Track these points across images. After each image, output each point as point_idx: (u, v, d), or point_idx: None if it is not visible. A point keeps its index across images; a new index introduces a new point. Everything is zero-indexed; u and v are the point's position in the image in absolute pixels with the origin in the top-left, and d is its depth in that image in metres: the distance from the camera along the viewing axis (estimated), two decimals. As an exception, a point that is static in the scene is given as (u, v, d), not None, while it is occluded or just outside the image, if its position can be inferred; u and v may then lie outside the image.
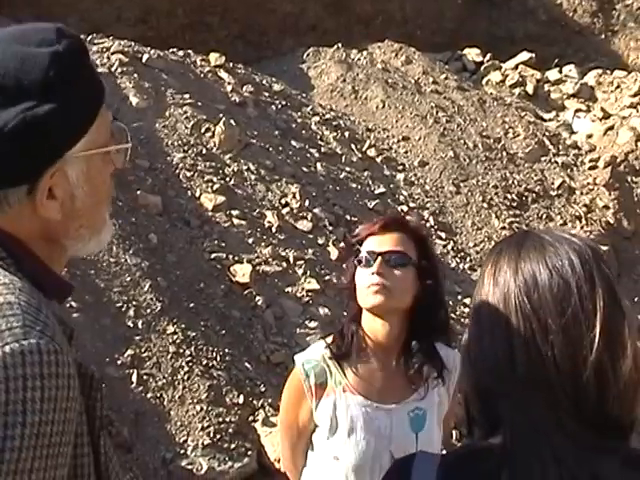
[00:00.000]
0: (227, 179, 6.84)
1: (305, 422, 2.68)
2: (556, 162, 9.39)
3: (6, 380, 1.19)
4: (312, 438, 2.69)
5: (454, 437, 4.94)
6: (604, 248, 8.17)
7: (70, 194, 1.40)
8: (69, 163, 1.38)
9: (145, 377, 5.09)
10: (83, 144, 1.39)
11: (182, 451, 4.87)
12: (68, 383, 1.26)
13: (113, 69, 7.45)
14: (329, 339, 2.67)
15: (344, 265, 2.71)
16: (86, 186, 1.42)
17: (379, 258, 2.52)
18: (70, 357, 1.29)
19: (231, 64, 8.70)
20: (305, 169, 7.54)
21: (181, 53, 8.45)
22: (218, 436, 4.97)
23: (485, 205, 8.37)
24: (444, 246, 7.56)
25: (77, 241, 1.46)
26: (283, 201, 6.89)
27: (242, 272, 6.01)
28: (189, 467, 4.81)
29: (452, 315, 6.01)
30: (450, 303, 6.22)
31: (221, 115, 7.38)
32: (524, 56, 11.89)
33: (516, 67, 11.69)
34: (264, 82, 8.78)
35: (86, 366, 1.41)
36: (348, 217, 7.15)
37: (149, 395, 5.03)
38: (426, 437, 2.56)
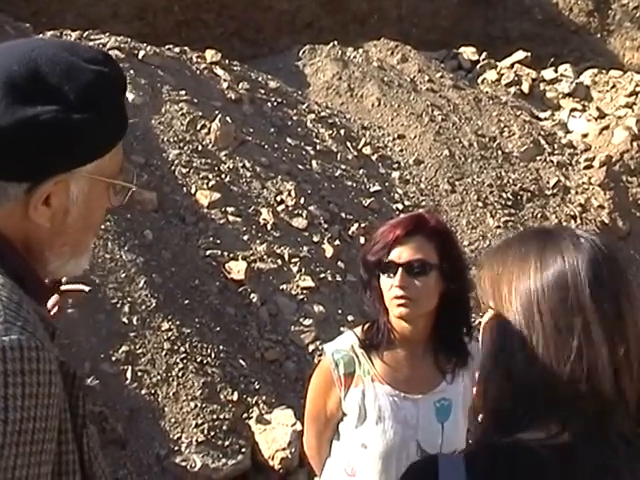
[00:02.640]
0: (222, 176, 6.84)
1: (333, 411, 2.73)
2: (551, 161, 9.40)
3: None
4: (339, 427, 2.74)
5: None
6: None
7: (65, 208, 1.41)
8: (75, 179, 1.40)
9: (140, 373, 5.09)
10: (94, 167, 1.42)
11: (176, 448, 4.87)
12: (50, 379, 1.26)
13: (109, 65, 7.43)
14: (358, 329, 2.73)
15: (361, 268, 2.71)
16: (82, 206, 1.43)
17: (399, 270, 2.54)
18: (52, 354, 1.29)
19: (227, 61, 8.69)
20: (300, 166, 7.54)
21: (177, 50, 8.44)
22: (212, 433, 4.98)
23: (480, 204, 8.38)
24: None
25: (58, 257, 1.46)
26: (278, 198, 6.89)
27: (237, 269, 6.01)
28: (183, 464, 4.82)
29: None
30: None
31: (217, 112, 7.38)
32: (520, 55, 11.89)
33: (512, 66, 11.70)
34: (260, 79, 8.78)
35: (68, 364, 1.41)
36: (343, 215, 7.15)
37: (143, 391, 5.03)
38: (451, 427, 2.62)
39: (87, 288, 2.03)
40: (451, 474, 1.36)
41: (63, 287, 1.97)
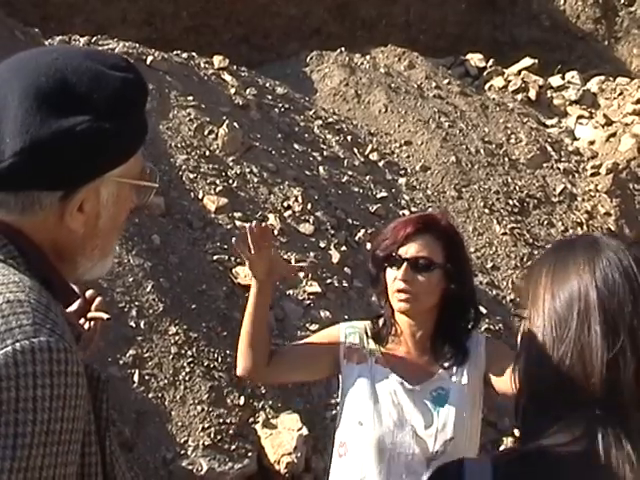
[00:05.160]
0: (230, 181, 6.86)
1: (322, 359, 2.82)
2: (558, 168, 9.41)
3: (16, 377, 1.21)
4: (340, 403, 2.82)
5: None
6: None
7: (97, 212, 1.45)
8: (105, 183, 1.43)
9: (147, 377, 5.11)
10: (121, 170, 1.45)
11: (183, 451, 4.89)
12: (77, 381, 1.28)
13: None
14: (370, 322, 2.85)
15: (370, 262, 2.80)
16: (112, 209, 1.47)
17: (405, 264, 2.63)
18: (78, 356, 1.31)
19: (235, 67, 8.72)
20: (307, 172, 7.56)
21: (185, 55, 8.47)
22: (219, 437, 4.99)
23: (486, 211, 8.39)
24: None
25: (88, 260, 1.50)
26: (285, 204, 6.91)
27: (244, 274, 6.02)
28: (189, 467, 4.83)
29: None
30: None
31: (224, 117, 7.40)
32: (527, 62, 11.90)
33: (519, 73, 11.70)
34: (267, 85, 8.80)
35: (92, 367, 1.43)
36: (350, 221, 7.17)
37: (150, 395, 5.05)
38: (446, 415, 2.67)
39: (106, 316, 2.08)
40: (477, 477, 1.37)
41: (89, 315, 2.03)
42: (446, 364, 2.71)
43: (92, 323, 2.07)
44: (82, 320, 2.02)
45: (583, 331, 1.39)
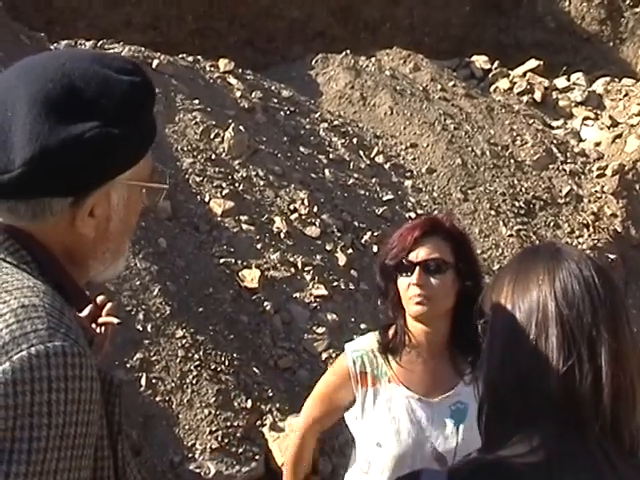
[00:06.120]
0: (236, 184, 6.86)
1: (343, 401, 2.78)
2: (564, 170, 9.39)
3: (31, 381, 1.21)
4: (353, 431, 2.79)
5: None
6: (612, 256, 8.18)
7: (107, 216, 1.45)
8: (115, 187, 1.44)
9: (154, 381, 5.11)
10: (131, 173, 1.45)
11: (190, 455, 4.89)
12: (91, 385, 1.28)
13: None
14: (379, 332, 2.77)
15: (378, 274, 2.74)
16: (122, 212, 1.47)
17: (417, 268, 2.59)
18: (92, 360, 1.31)
19: (240, 70, 8.73)
20: (313, 175, 7.56)
21: (190, 59, 8.48)
22: (226, 440, 4.99)
23: (493, 212, 8.38)
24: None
25: (100, 264, 1.51)
26: (292, 207, 6.91)
27: (250, 277, 6.03)
28: (197, 471, 4.83)
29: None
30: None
31: (230, 121, 7.41)
32: (532, 63, 11.89)
33: (524, 74, 11.69)
34: (273, 88, 8.81)
35: (105, 371, 1.43)
36: (356, 223, 7.17)
37: (158, 399, 5.05)
38: (468, 430, 2.61)
39: (117, 321, 2.09)
40: None
41: (100, 320, 2.05)
42: (467, 371, 2.65)
43: (103, 328, 2.07)
44: (93, 325, 2.03)
45: (540, 342, 1.41)
